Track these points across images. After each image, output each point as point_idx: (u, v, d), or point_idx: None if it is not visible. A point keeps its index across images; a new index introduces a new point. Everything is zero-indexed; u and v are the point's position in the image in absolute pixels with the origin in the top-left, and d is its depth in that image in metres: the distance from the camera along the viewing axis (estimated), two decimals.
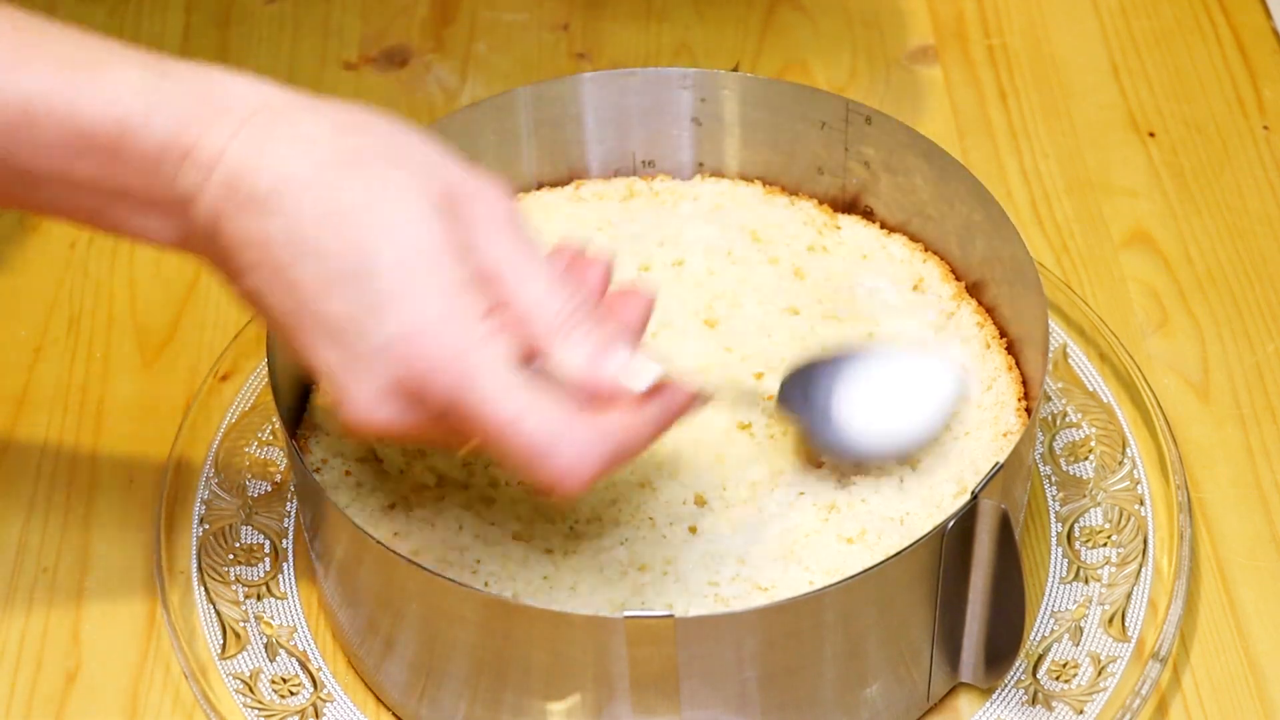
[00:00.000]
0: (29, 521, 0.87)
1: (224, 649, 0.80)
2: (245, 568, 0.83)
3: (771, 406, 0.78)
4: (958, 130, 1.05)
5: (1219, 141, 1.04)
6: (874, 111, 0.87)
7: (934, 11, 1.13)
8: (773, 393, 0.78)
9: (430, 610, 0.72)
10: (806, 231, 0.89)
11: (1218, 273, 0.96)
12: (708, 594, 0.74)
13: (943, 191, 0.86)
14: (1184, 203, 1.00)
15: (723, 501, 0.78)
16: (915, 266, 0.87)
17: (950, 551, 0.71)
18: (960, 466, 0.78)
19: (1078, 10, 1.13)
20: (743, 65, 1.09)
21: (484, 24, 1.14)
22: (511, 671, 0.72)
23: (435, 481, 0.79)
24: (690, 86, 0.90)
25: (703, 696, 0.71)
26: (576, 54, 1.11)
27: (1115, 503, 0.84)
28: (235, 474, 0.87)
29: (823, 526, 0.76)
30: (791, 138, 0.90)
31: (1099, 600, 0.80)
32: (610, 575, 0.75)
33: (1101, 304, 0.95)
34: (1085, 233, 0.99)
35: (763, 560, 0.75)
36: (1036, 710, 0.77)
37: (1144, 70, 1.08)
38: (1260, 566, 0.83)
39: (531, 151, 0.91)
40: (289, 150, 0.64)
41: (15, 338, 0.95)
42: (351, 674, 0.80)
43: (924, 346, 0.83)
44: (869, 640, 0.72)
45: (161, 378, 0.93)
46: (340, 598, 0.78)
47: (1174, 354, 0.93)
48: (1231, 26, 1.11)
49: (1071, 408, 0.88)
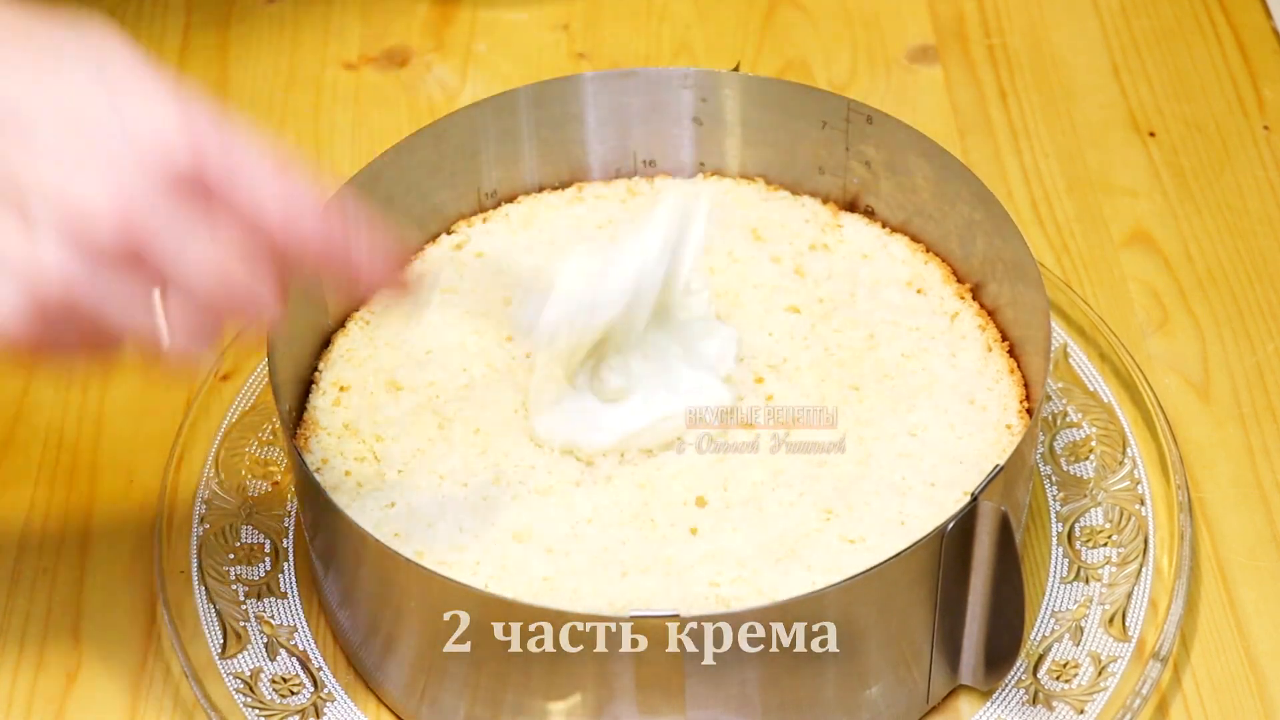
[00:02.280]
0: (29, 521, 0.87)
1: (224, 649, 0.80)
2: (245, 568, 0.83)
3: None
4: (958, 130, 1.05)
5: (1219, 141, 1.04)
6: (875, 111, 0.87)
7: (934, 11, 1.13)
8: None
9: (430, 610, 0.72)
10: (808, 230, 0.89)
11: (1218, 272, 0.96)
12: (708, 594, 0.74)
13: (944, 191, 0.86)
14: (1184, 202, 1.00)
15: (723, 502, 0.78)
16: (916, 267, 0.87)
17: (950, 553, 0.71)
18: (962, 467, 0.78)
19: (1078, 10, 1.13)
20: (743, 65, 1.09)
21: (484, 24, 1.14)
22: (512, 672, 0.72)
23: (436, 481, 0.79)
24: (691, 86, 0.90)
25: (704, 697, 0.71)
26: (576, 54, 1.11)
27: (1116, 502, 0.84)
28: (235, 474, 0.87)
29: (823, 527, 0.76)
30: (792, 137, 0.90)
31: (1099, 600, 0.80)
32: (611, 575, 0.75)
33: (1102, 304, 0.95)
34: (1086, 232, 0.99)
35: (763, 561, 0.75)
36: (1037, 710, 0.77)
37: (1144, 70, 1.08)
38: (1260, 566, 0.83)
39: (532, 151, 0.91)
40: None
41: None
42: (352, 674, 0.80)
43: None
44: (869, 641, 0.72)
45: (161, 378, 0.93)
46: (340, 597, 0.78)
47: (1174, 354, 0.93)
48: (1232, 26, 1.11)
49: (1072, 407, 0.88)
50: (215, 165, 0.63)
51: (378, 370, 0.83)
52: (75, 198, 0.62)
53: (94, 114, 0.62)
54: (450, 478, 0.79)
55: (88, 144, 0.62)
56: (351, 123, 1.08)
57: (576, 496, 0.78)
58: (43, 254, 0.62)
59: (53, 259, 0.62)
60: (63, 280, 0.62)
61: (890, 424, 0.80)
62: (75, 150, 0.62)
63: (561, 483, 0.78)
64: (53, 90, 0.63)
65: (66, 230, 0.62)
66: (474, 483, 0.79)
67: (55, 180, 0.62)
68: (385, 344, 0.84)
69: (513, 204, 0.91)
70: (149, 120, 0.63)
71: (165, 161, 0.63)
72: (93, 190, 0.62)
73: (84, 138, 0.62)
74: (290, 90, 1.09)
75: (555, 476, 0.79)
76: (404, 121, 1.07)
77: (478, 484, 0.79)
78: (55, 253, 0.62)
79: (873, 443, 0.80)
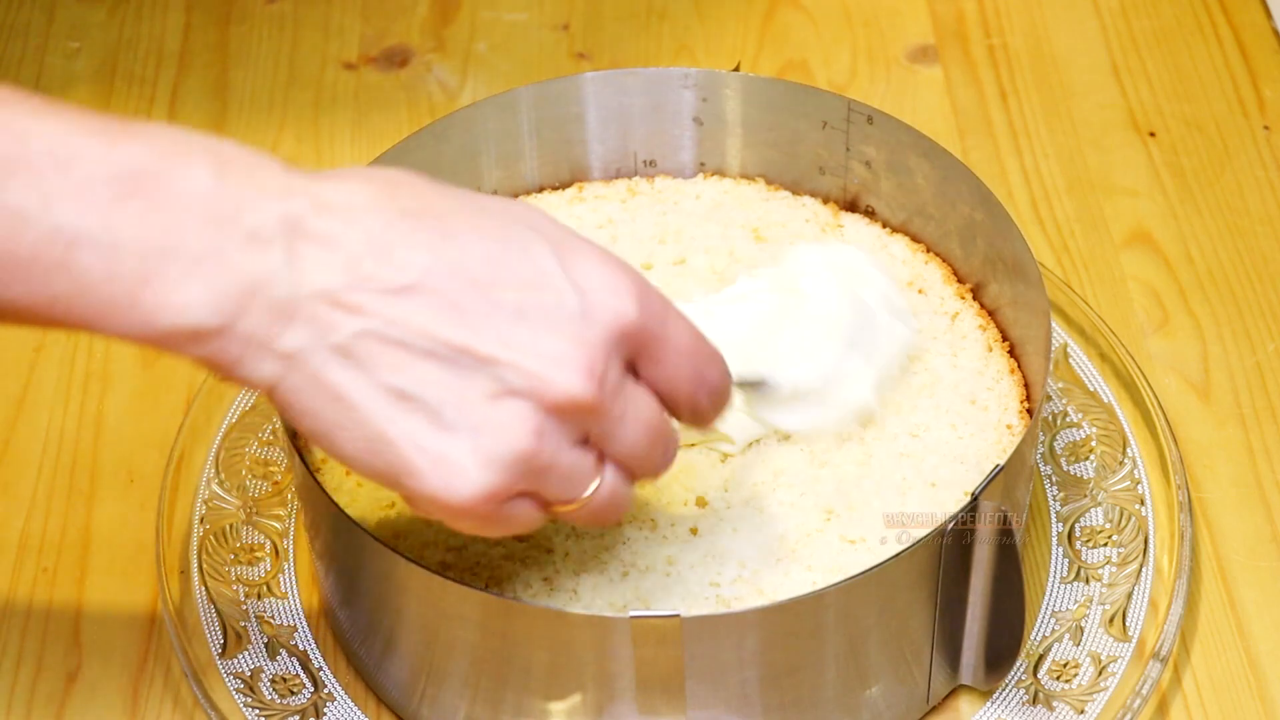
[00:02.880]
0: (29, 521, 0.87)
1: (224, 649, 0.80)
2: (245, 567, 0.83)
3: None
4: (958, 130, 1.05)
5: (1219, 141, 1.04)
6: (875, 111, 0.87)
7: (934, 11, 1.13)
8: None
9: (431, 610, 0.72)
10: (809, 230, 0.89)
11: (1218, 272, 0.96)
12: (709, 595, 0.74)
13: (944, 191, 0.86)
14: (1184, 203, 1.00)
15: (724, 502, 0.78)
16: (917, 267, 0.87)
17: (950, 553, 0.71)
18: (962, 467, 0.78)
19: (1078, 10, 1.13)
20: (743, 65, 1.09)
21: (484, 24, 1.14)
22: (512, 672, 0.72)
23: None
24: (691, 86, 0.90)
25: (704, 697, 0.71)
26: (576, 54, 1.11)
27: (1116, 502, 0.84)
28: (235, 474, 0.87)
29: (824, 527, 0.76)
30: (793, 137, 0.90)
31: (1100, 600, 0.80)
32: (611, 576, 0.75)
33: (1102, 304, 0.95)
34: (1086, 232, 0.99)
35: (764, 561, 0.75)
36: (1037, 710, 0.77)
37: (1144, 70, 1.08)
38: (1261, 566, 0.83)
39: (532, 151, 0.91)
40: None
41: (15, 338, 0.95)
42: (352, 674, 0.80)
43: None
44: (869, 641, 0.72)
45: (161, 378, 0.93)
46: (341, 597, 0.78)
47: (1174, 354, 0.93)
48: (1232, 26, 1.11)
49: (1072, 407, 0.88)
50: (655, 336, 0.64)
51: None
52: (551, 364, 0.61)
53: (555, 285, 0.62)
54: None
55: (554, 310, 0.62)
56: (351, 123, 1.08)
57: None
58: (514, 418, 0.62)
59: (528, 425, 0.62)
60: (535, 443, 0.62)
61: (891, 424, 0.80)
62: (543, 315, 0.62)
63: None
64: (514, 258, 0.62)
65: (537, 395, 0.62)
66: None
67: (528, 345, 0.62)
68: None
69: None
70: (609, 298, 0.63)
71: (624, 341, 0.63)
72: (567, 359, 0.62)
73: (549, 303, 0.62)
74: (290, 90, 1.09)
75: None
76: (404, 121, 1.07)
77: None
78: (530, 418, 0.62)
79: (873, 443, 0.79)
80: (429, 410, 0.61)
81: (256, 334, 0.61)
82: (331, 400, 0.62)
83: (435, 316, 0.61)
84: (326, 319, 0.61)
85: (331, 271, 0.61)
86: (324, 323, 0.61)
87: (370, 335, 0.61)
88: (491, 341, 0.61)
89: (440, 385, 0.61)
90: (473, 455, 0.62)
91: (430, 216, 0.63)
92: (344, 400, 0.62)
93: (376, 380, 0.61)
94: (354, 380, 0.61)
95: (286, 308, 0.61)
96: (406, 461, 0.62)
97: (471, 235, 0.62)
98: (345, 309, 0.61)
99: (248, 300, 0.60)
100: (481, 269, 0.62)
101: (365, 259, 0.61)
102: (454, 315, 0.61)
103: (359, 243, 0.61)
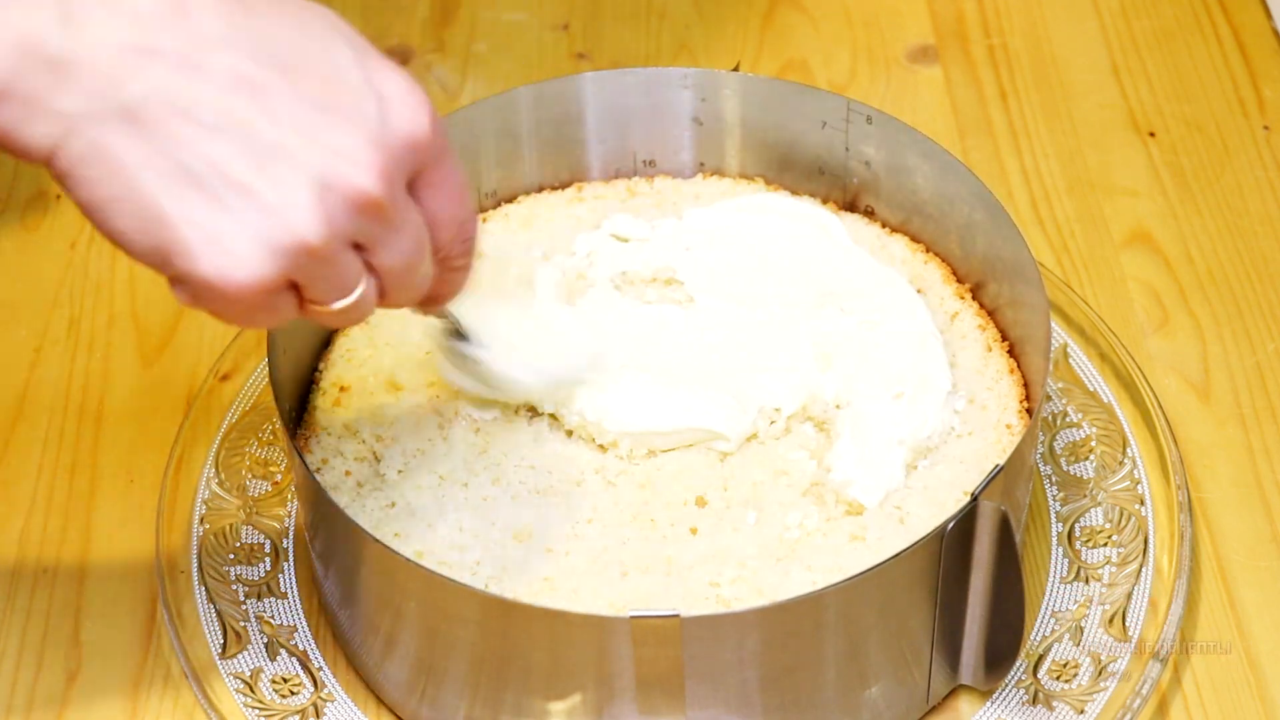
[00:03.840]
0: (29, 521, 0.87)
1: (224, 649, 0.80)
2: (245, 567, 0.83)
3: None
4: (958, 130, 1.05)
5: (1219, 141, 1.04)
6: (875, 111, 0.87)
7: (934, 11, 1.13)
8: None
9: (430, 610, 0.72)
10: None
11: (1218, 272, 0.96)
12: (709, 594, 0.74)
13: (944, 191, 0.86)
14: (1184, 203, 1.00)
15: (723, 502, 0.78)
16: (916, 267, 0.87)
17: (950, 553, 0.71)
18: (962, 467, 0.78)
19: (1078, 10, 1.13)
20: (743, 65, 1.09)
21: (484, 24, 1.14)
22: (512, 672, 0.72)
23: (436, 481, 0.79)
24: (691, 86, 0.90)
25: (704, 697, 0.71)
26: (576, 54, 1.11)
27: (1116, 503, 0.84)
28: (235, 474, 0.87)
29: (824, 526, 0.76)
30: (792, 137, 0.90)
31: (1099, 600, 0.80)
32: (611, 576, 0.75)
33: (1102, 304, 0.95)
34: (1086, 233, 0.99)
35: (763, 560, 0.75)
36: (1037, 710, 0.77)
37: (1144, 70, 1.08)
38: (1260, 566, 0.83)
39: (532, 151, 0.91)
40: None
41: (15, 338, 0.95)
42: (352, 674, 0.80)
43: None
44: (869, 641, 0.72)
45: (161, 378, 0.93)
46: (340, 597, 0.78)
47: (1174, 354, 0.93)
48: (1231, 26, 1.11)
49: (1072, 407, 0.88)
50: (439, 161, 0.63)
51: (378, 370, 0.83)
52: (343, 159, 0.60)
53: (354, 85, 0.60)
54: (450, 478, 0.79)
55: (352, 110, 0.60)
56: None
57: (576, 496, 0.78)
58: (302, 207, 0.59)
59: (315, 215, 0.60)
60: (319, 235, 0.60)
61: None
62: (341, 112, 0.60)
63: (562, 483, 0.78)
64: (315, 49, 0.60)
65: (327, 187, 0.60)
66: (474, 483, 0.79)
67: (325, 137, 0.60)
68: (385, 344, 0.84)
69: (513, 204, 0.91)
70: (407, 110, 0.61)
71: (413, 156, 0.62)
72: (363, 157, 0.60)
73: (347, 102, 0.60)
74: None
75: (555, 477, 0.79)
76: None
77: (478, 484, 0.78)
78: (314, 207, 0.60)
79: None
80: (211, 190, 0.59)
81: (33, 94, 0.58)
82: (110, 172, 0.59)
83: (230, 90, 0.59)
84: (109, 75, 0.58)
85: (114, 28, 0.58)
86: (106, 79, 0.58)
87: (157, 100, 0.58)
88: (287, 126, 0.59)
89: (226, 164, 0.59)
90: (252, 240, 0.59)
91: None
92: (123, 172, 0.59)
93: (159, 151, 0.58)
94: (135, 150, 0.58)
95: (61, 65, 0.57)
96: (180, 239, 0.59)
97: (276, 18, 0.60)
98: (129, 68, 0.58)
99: (20, 58, 0.57)
100: (284, 52, 0.60)
101: (155, 18, 0.58)
102: (251, 93, 0.59)
103: (149, 3, 0.58)
